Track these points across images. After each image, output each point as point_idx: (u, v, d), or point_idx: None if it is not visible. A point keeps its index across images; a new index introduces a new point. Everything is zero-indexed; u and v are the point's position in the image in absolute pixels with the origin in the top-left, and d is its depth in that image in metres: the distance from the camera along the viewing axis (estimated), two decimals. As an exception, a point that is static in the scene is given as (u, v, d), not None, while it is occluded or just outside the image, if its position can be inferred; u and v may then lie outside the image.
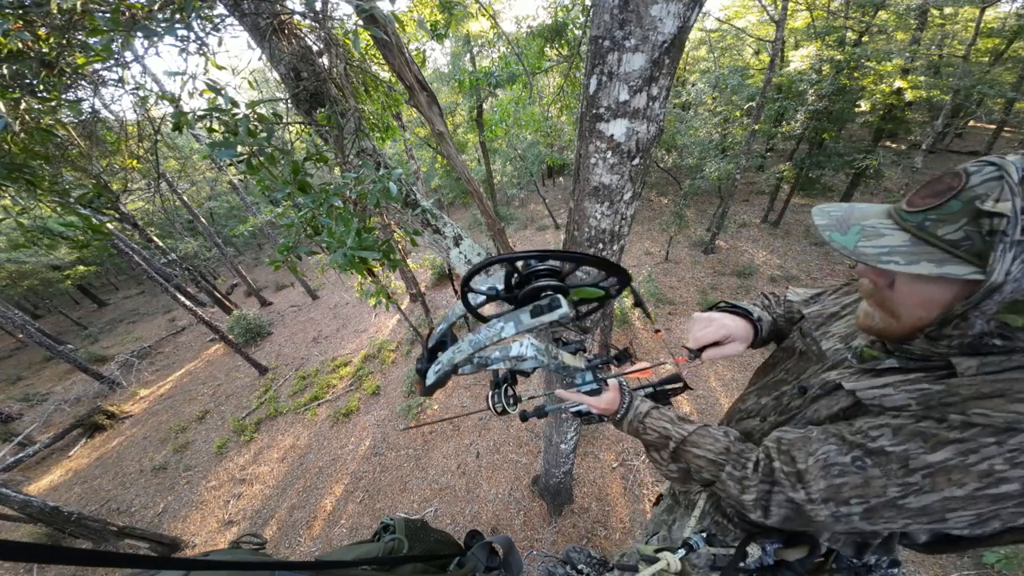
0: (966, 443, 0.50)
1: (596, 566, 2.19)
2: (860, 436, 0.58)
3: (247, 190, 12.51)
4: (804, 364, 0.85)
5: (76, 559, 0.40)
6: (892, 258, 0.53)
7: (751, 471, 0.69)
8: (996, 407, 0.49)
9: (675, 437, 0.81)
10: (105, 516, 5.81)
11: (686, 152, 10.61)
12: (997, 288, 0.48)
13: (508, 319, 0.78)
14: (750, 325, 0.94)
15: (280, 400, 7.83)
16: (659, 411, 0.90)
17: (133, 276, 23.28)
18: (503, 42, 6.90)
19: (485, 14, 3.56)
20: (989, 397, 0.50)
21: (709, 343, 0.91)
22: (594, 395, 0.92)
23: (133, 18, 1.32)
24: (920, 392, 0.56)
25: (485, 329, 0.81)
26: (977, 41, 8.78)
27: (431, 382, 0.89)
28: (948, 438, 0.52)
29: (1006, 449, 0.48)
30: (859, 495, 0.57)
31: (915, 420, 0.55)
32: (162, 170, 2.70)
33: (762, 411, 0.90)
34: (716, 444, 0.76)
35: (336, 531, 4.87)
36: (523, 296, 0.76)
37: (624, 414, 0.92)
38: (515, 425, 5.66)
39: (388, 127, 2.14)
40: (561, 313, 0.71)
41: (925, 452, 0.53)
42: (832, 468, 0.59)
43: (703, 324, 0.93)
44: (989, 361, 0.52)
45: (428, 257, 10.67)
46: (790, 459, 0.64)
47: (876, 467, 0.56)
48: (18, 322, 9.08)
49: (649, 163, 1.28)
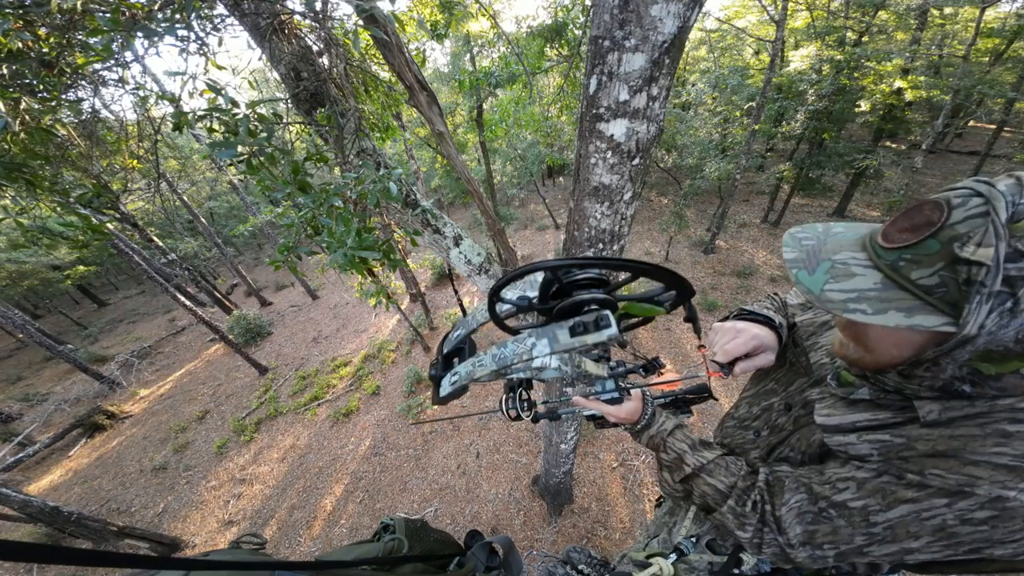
0: (920, 503, 0.52)
1: (596, 566, 2.18)
2: (828, 487, 0.60)
3: (247, 190, 12.51)
4: (793, 376, 0.84)
5: (76, 559, 0.40)
6: (860, 305, 0.50)
7: (749, 509, 0.69)
8: (950, 469, 0.50)
9: (692, 464, 0.79)
10: (105, 516, 5.81)
11: (686, 152, 10.61)
12: (970, 340, 0.46)
13: (542, 335, 0.68)
14: (775, 333, 0.88)
15: (280, 400, 7.83)
16: (683, 432, 0.86)
17: (133, 276, 23.27)
18: (503, 42, 6.90)
19: (485, 14, 3.56)
20: (944, 456, 0.51)
21: (740, 355, 0.84)
22: (614, 404, 0.87)
23: (133, 18, 1.32)
24: (881, 444, 0.57)
25: (513, 344, 0.72)
26: (977, 41, 8.77)
27: (446, 393, 0.82)
28: (905, 497, 0.53)
29: (955, 510, 0.50)
30: (830, 541, 0.59)
31: (876, 475, 0.57)
32: (162, 170, 2.69)
33: (754, 423, 0.90)
34: (729, 478, 0.74)
35: (336, 531, 4.87)
36: (559, 311, 0.66)
37: (646, 427, 0.89)
38: (515, 425, 5.66)
39: (388, 127, 2.13)
40: (610, 334, 0.60)
41: (883, 509, 0.55)
42: (805, 516, 0.61)
43: (731, 335, 0.84)
44: (951, 406, 0.52)
45: (428, 257, 10.67)
46: (774, 504, 0.66)
47: (841, 519, 0.58)
48: (18, 322, 9.08)
49: (649, 163, 1.28)
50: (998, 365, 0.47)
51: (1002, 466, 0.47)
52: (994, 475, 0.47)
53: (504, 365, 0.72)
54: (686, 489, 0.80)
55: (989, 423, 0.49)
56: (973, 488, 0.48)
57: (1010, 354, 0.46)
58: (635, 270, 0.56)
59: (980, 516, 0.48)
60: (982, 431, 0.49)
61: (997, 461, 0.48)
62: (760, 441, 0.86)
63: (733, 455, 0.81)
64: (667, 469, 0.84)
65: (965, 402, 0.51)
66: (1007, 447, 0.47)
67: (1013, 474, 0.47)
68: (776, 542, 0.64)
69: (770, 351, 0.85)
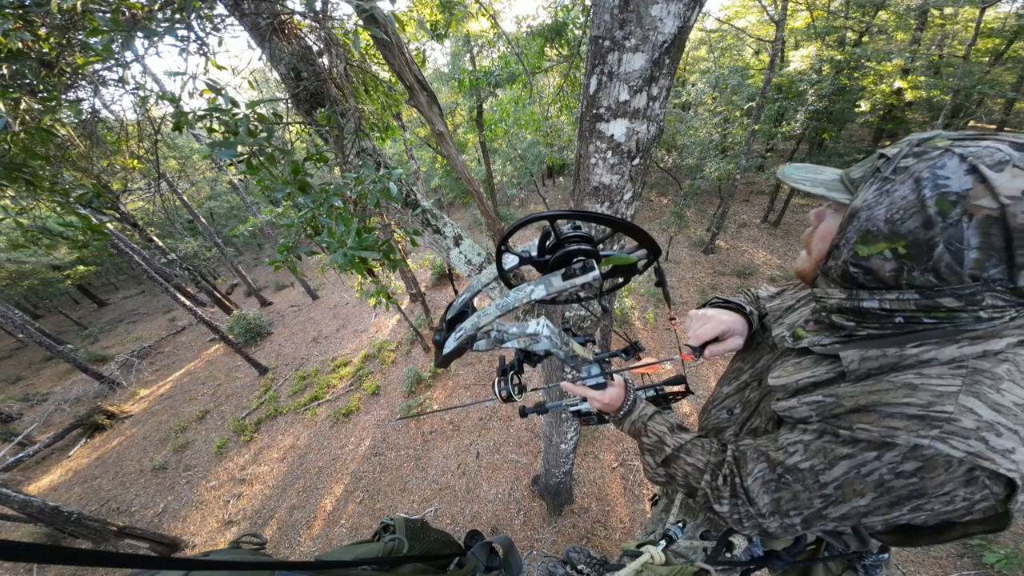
0: (855, 458, 0.55)
1: (596, 566, 2.18)
2: (781, 452, 0.63)
3: (247, 190, 12.51)
4: (759, 354, 0.91)
5: (76, 559, 0.40)
6: (803, 183, 0.64)
7: (721, 483, 0.71)
8: (872, 422, 0.53)
9: (672, 445, 0.82)
10: (105, 516, 5.81)
11: (686, 152, 10.60)
12: (855, 214, 0.56)
13: (539, 282, 0.80)
14: (744, 319, 0.95)
15: (280, 400, 7.83)
16: (662, 416, 0.90)
17: (133, 276, 23.27)
18: (503, 42, 6.90)
19: (485, 14, 3.56)
20: (866, 410, 0.55)
21: (709, 339, 0.92)
22: (599, 389, 0.93)
23: (133, 18, 1.32)
24: (817, 404, 0.61)
25: (514, 292, 0.83)
26: (977, 41, 8.76)
27: (450, 349, 0.88)
28: (842, 453, 0.56)
29: (886, 463, 0.52)
30: (794, 508, 0.62)
31: (818, 436, 0.60)
32: (162, 170, 2.70)
33: (726, 402, 0.94)
34: (705, 456, 0.77)
35: (336, 531, 4.87)
36: (554, 261, 0.77)
37: (627, 413, 0.92)
38: (515, 425, 5.66)
39: (388, 127, 2.13)
40: (594, 275, 0.73)
41: (827, 468, 0.57)
42: (769, 484, 0.64)
43: (701, 321, 0.93)
44: (869, 356, 0.58)
45: (428, 257, 10.67)
46: (742, 476, 0.68)
47: (797, 483, 0.60)
48: (18, 322, 9.07)
49: (649, 163, 1.28)
50: (869, 246, 0.55)
51: (913, 416, 0.51)
52: (908, 424, 0.51)
53: (506, 310, 0.82)
54: (668, 473, 0.82)
55: (899, 375, 0.54)
56: (894, 439, 0.51)
57: (879, 235, 0.53)
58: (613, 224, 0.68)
59: (908, 468, 0.51)
60: (893, 384, 0.54)
61: (908, 412, 0.51)
62: (733, 419, 0.90)
63: (708, 437, 0.85)
64: (649, 452, 0.86)
65: (879, 351, 0.57)
66: (914, 397, 0.51)
67: (923, 423, 0.50)
68: (751, 514, 0.66)
69: (739, 336, 0.93)
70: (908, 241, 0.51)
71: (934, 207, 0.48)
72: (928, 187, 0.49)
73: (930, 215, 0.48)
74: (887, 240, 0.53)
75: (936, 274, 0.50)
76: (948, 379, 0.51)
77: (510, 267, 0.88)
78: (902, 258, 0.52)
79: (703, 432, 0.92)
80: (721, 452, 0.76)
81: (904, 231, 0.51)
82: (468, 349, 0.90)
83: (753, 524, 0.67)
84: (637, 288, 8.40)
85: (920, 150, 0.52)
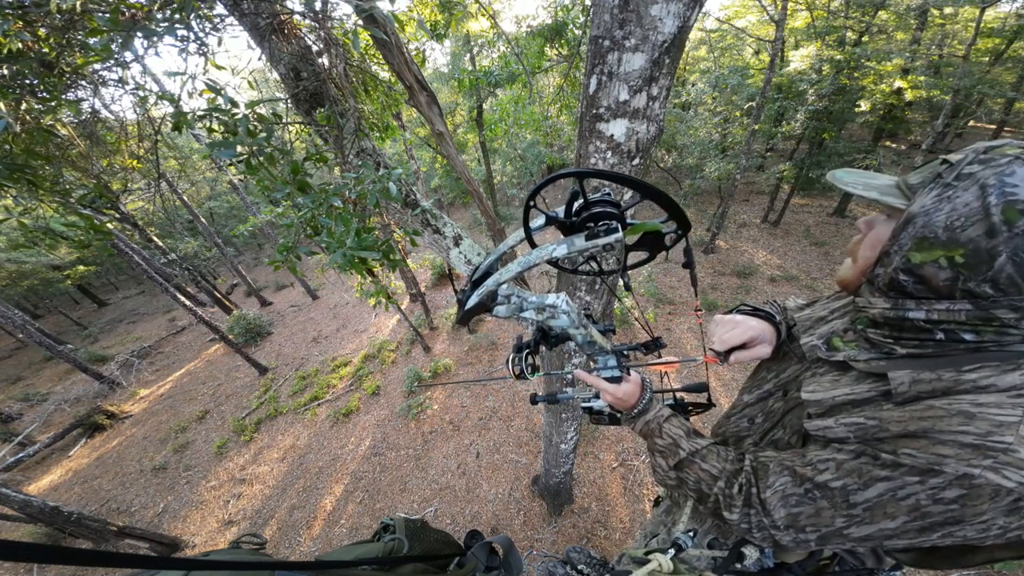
0: (894, 481, 0.54)
1: (596, 566, 2.19)
2: (810, 468, 0.62)
3: (247, 190, 12.50)
4: (785, 364, 0.88)
5: (76, 559, 0.40)
6: (855, 187, 0.62)
7: (736, 491, 0.70)
8: (921, 448, 0.52)
9: (687, 449, 0.80)
10: (105, 516, 5.81)
11: (686, 152, 10.61)
12: (911, 219, 0.54)
13: (561, 242, 0.79)
14: (773, 328, 0.92)
15: (280, 400, 7.83)
16: (678, 419, 0.88)
17: (133, 276, 23.26)
18: (503, 42, 6.90)
19: (485, 14, 3.56)
20: (915, 436, 0.53)
21: (736, 345, 0.88)
22: (614, 382, 0.89)
23: (133, 18, 1.32)
24: (857, 426, 0.59)
25: (536, 251, 0.83)
26: (977, 41, 8.76)
27: (472, 305, 0.90)
28: (880, 476, 0.55)
29: (927, 487, 0.51)
30: (813, 524, 0.61)
31: (854, 456, 0.59)
32: (162, 170, 2.70)
33: (749, 411, 0.92)
34: (720, 463, 0.76)
35: (336, 531, 4.87)
36: (580, 223, 0.77)
37: (641, 412, 0.90)
38: (515, 425, 5.66)
39: (388, 127, 2.13)
40: (616, 237, 0.72)
41: (861, 488, 0.56)
42: (790, 498, 0.63)
43: (729, 326, 0.89)
44: (920, 379, 0.55)
45: (428, 257, 10.67)
46: (759, 487, 0.67)
47: (824, 499, 0.59)
48: (18, 322, 9.07)
49: (649, 163, 1.28)
50: (924, 253, 0.53)
51: (967, 445, 0.49)
52: (960, 453, 0.49)
53: (527, 267, 0.83)
54: (680, 477, 0.81)
55: (954, 403, 0.52)
56: (942, 466, 0.50)
57: (936, 242, 0.52)
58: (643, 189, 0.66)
59: (950, 495, 0.50)
60: (947, 411, 0.52)
61: (963, 440, 0.50)
62: (754, 428, 0.89)
63: (725, 445, 0.84)
64: (661, 455, 0.85)
65: (932, 375, 0.54)
66: (970, 426, 0.50)
67: (977, 452, 0.48)
68: (762, 524, 0.66)
69: (766, 344, 0.90)
70: (968, 249, 0.49)
71: (999, 215, 0.46)
72: (994, 194, 0.47)
73: (994, 223, 0.47)
74: (944, 247, 0.51)
75: (994, 284, 0.48)
76: (1008, 409, 0.49)
77: (536, 227, 0.88)
78: (959, 267, 0.50)
79: (717, 439, 0.91)
80: (738, 461, 0.75)
81: (964, 239, 0.49)
82: (488, 309, 0.88)
83: (764, 535, 0.66)
84: (637, 288, 8.40)
85: (987, 157, 0.50)
